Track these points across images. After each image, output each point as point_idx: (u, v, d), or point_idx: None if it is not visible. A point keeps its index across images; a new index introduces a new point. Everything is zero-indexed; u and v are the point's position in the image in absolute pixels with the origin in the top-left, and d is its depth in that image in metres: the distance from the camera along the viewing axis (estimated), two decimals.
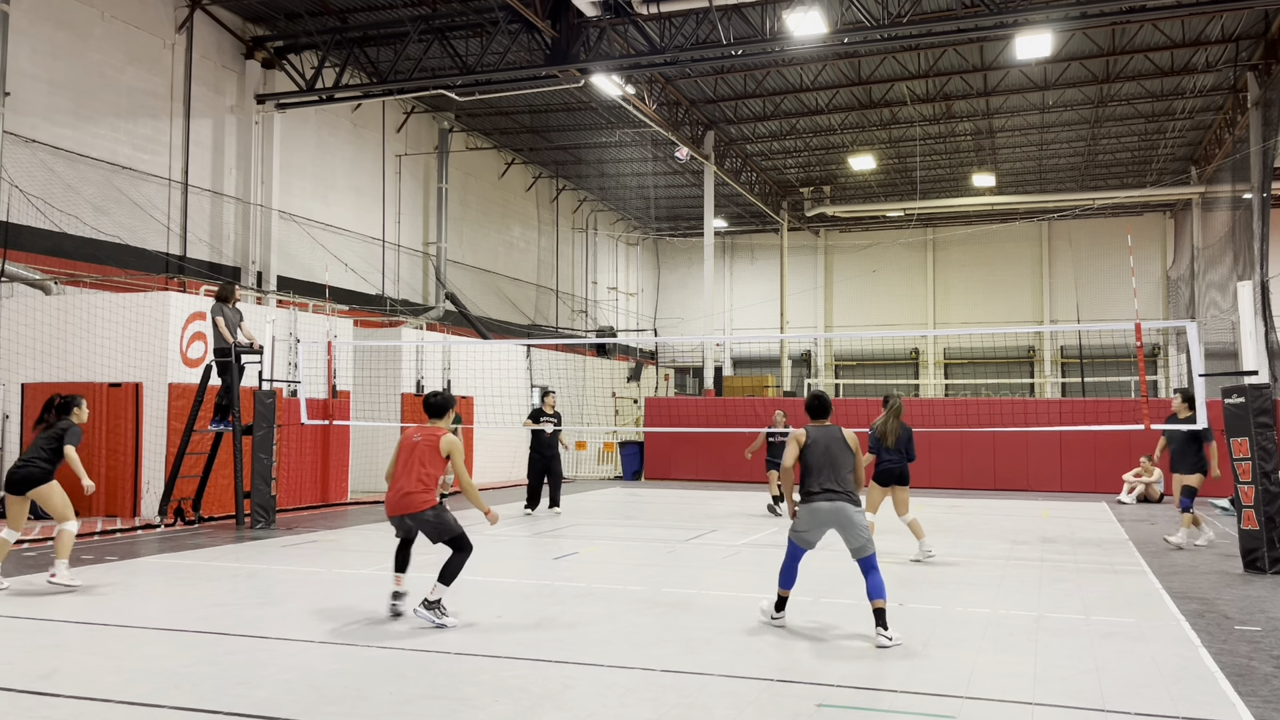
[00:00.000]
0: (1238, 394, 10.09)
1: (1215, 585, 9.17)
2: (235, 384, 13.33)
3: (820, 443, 6.94)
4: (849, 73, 23.07)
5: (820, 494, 6.84)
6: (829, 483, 6.84)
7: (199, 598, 8.17)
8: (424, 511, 7.32)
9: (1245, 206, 22.91)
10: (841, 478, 6.86)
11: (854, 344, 38.78)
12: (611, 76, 19.70)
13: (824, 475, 6.86)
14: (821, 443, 6.93)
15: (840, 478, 6.86)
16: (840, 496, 6.81)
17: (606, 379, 28.14)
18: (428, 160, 25.79)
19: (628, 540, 12.33)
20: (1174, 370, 32.72)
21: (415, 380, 19.75)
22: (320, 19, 19.82)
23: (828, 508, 6.80)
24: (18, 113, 15.40)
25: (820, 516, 6.83)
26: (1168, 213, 34.90)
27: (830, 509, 6.80)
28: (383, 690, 5.50)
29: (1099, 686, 5.63)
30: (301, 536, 12.39)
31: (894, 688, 5.58)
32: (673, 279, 40.53)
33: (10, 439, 14.57)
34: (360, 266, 22.99)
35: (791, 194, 33.84)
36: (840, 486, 6.84)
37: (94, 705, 5.21)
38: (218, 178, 19.46)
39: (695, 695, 5.44)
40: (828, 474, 6.85)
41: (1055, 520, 15.19)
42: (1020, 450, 21.36)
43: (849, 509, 6.79)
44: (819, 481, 6.86)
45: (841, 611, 7.78)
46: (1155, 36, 20.78)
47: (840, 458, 6.91)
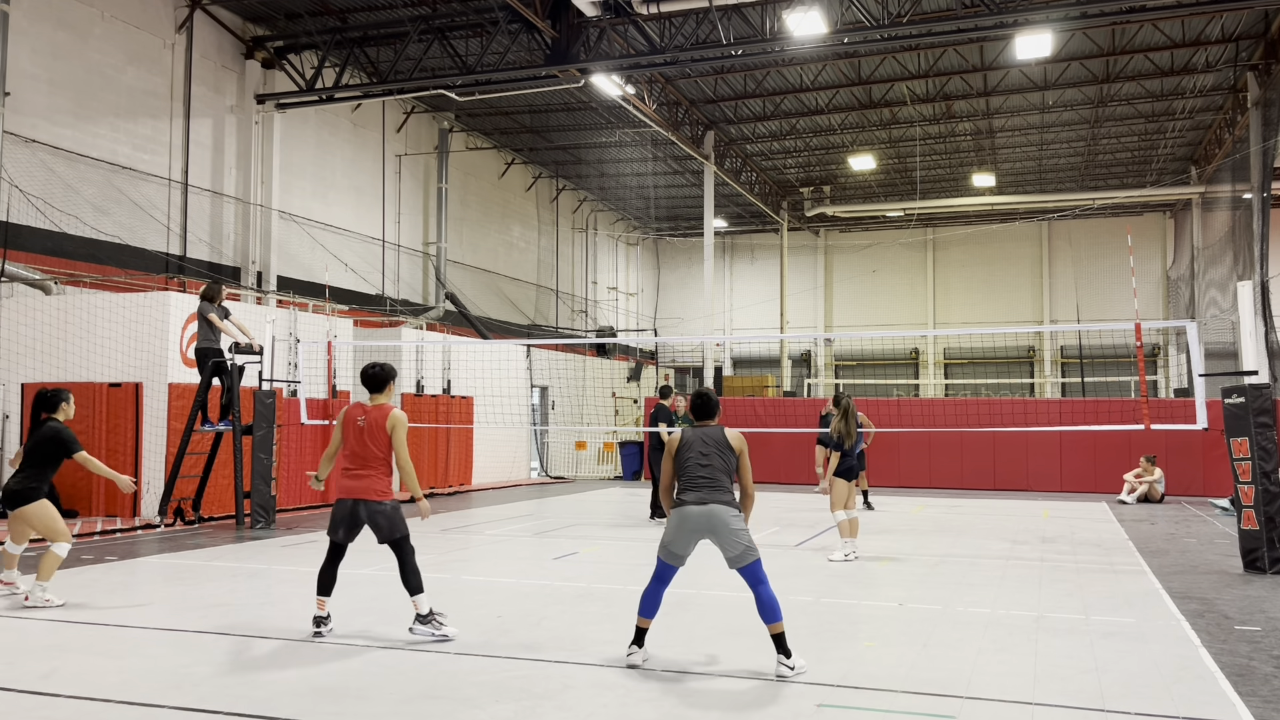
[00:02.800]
0: (1238, 394, 10.10)
1: (1215, 585, 9.17)
2: (235, 384, 13.33)
3: (695, 445, 6.19)
4: (849, 73, 23.07)
5: (692, 499, 6.08)
6: (703, 486, 6.08)
7: (199, 598, 8.17)
8: (382, 503, 6.81)
9: (1245, 206, 22.91)
10: (719, 481, 6.10)
11: (854, 344, 38.78)
12: (611, 76, 19.70)
13: (698, 479, 6.11)
14: (697, 445, 6.19)
15: (717, 481, 6.10)
16: (713, 501, 6.04)
17: (606, 379, 28.14)
18: (428, 160, 25.79)
19: (628, 540, 12.33)
20: (1174, 370, 32.72)
21: (415, 380, 19.75)
22: (320, 19, 19.82)
23: (698, 512, 6.03)
24: (18, 113, 15.40)
25: (690, 523, 6.04)
26: (1168, 213, 34.90)
27: (701, 513, 6.02)
28: (383, 690, 5.50)
29: (1099, 686, 5.63)
30: (301, 536, 12.39)
31: (894, 688, 5.58)
32: (673, 279, 40.53)
33: (10, 439, 14.58)
34: (360, 266, 22.99)
35: (791, 194, 33.84)
36: (714, 490, 6.07)
37: (94, 705, 5.21)
38: (218, 178, 19.46)
39: (695, 695, 5.44)
40: (702, 477, 6.10)
41: (1055, 520, 15.19)
42: (1020, 450, 21.36)
43: (724, 512, 6.01)
44: (691, 485, 6.11)
45: (841, 611, 7.78)
46: (1155, 36, 20.77)
47: (718, 460, 6.15)
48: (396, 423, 6.82)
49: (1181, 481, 20.14)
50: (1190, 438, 19.06)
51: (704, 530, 6.03)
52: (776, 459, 23.12)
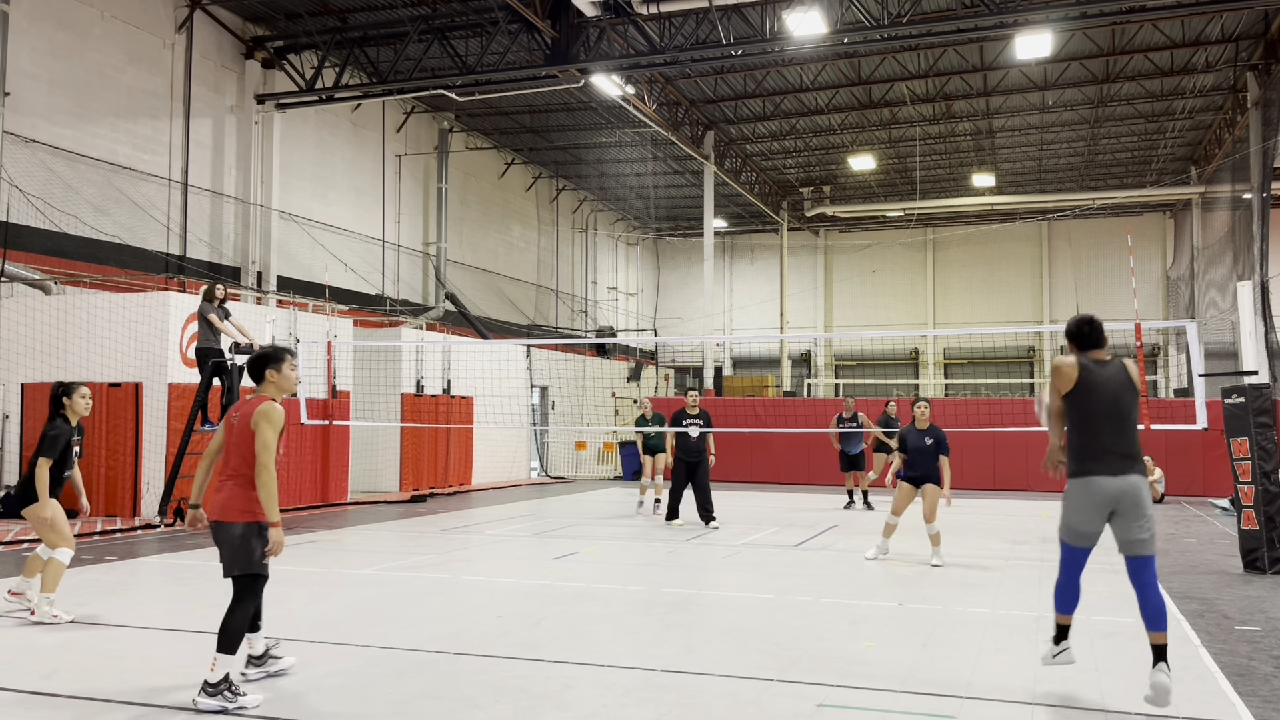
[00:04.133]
0: (1238, 394, 10.10)
1: (1215, 585, 9.17)
2: (235, 384, 13.32)
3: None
4: (849, 73, 23.08)
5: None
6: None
7: (199, 598, 8.16)
8: (232, 524, 5.31)
9: (1245, 206, 22.91)
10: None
11: (854, 344, 38.77)
12: (611, 76, 19.70)
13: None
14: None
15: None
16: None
17: (606, 379, 28.12)
18: (428, 160, 25.78)
19: (627, 540, 12.33)
20: (1174, 370, 32.71)
21: (415, 380, 19.74)
22: (320, 19, 19.82)
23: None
24: (18, 113, 15.40)
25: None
26: (1168, 213, 34.90)
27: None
28: (383, 690, 5.50)
29: (1099, 686, 5.63)
30: (301, 536, 12.39)
31: (894, 688, 5.58)
32: (673, 279, 40.53)
33: (10, 439, 14.58)
34: (360, 266, 22.98)
35: (791, 194, 33.84)
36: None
37: (94, 705, 5.21)
38: (218, 178, 19.46)
39: (695, 695, 5.44)
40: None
41: (1055, 520, 15.19)
42: (1020, 450, 21.34)
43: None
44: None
45: (841, 611, 7.78)
46: (1155, 36, 20.77)
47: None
48: (261, 417, 5.32)
49: (1181, 481, 20.14)
50: (1190, 438, 19.06)
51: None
52: (776, 459, 23.12)
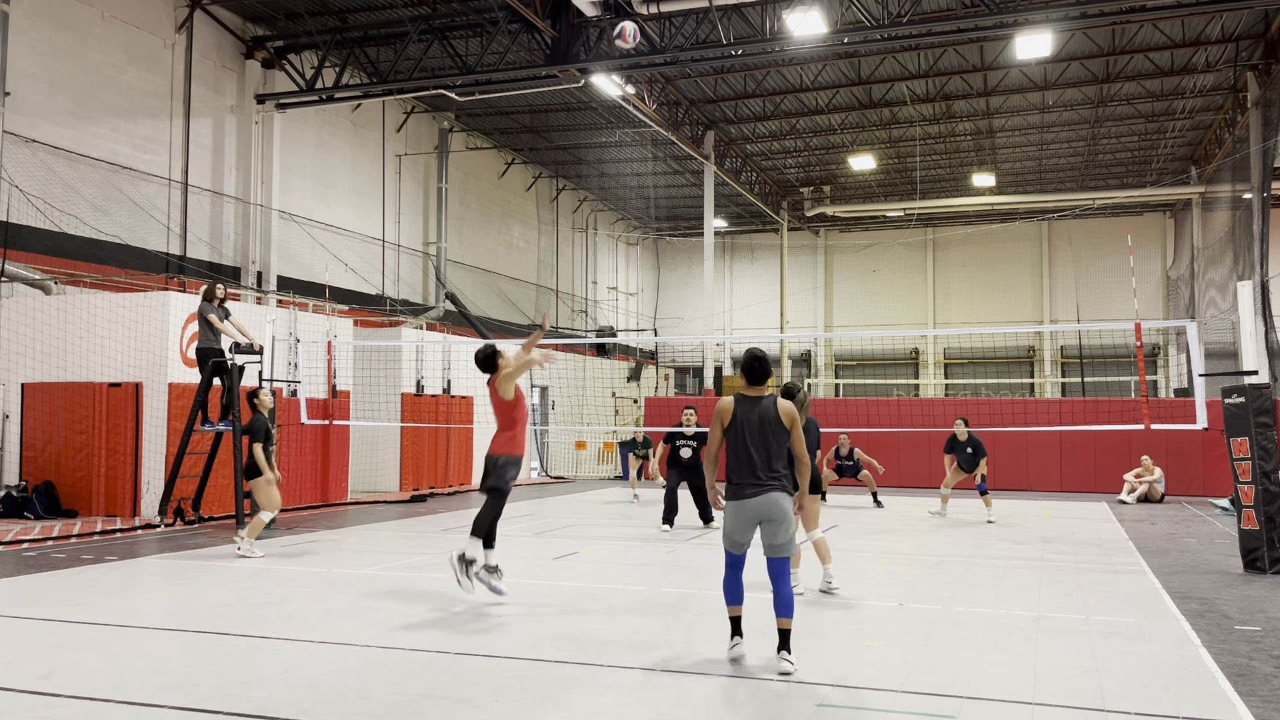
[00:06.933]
0: (1238, 394, 10.10)
1: (1215, 585, 9.17)
2: (235, 384, 13.30)
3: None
4: (849, 73, 23.07)
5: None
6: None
7: (199, 598, 8.17)
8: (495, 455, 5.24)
9: (1245, 206, 22.90)
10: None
11: (854, 344, 38.76)
12: (611, 76, 19.69)
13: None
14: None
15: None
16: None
17: (606, 379, 28.13)
18: (428, 160, 25.78)
19: (627, 540, 12.33)
20: (1174, 370, 32.71)
21: (415, 380, 19.75)
22: (320, 19, 19.81)
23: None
24: (18, 113, 15.39)
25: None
26: (1168, 213, 34.89)
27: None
28: (383, 690, 5.50)
29: (1099, 686, 5.63)
30: (301, 536, 12.39)
31: (894, 688, 5.58)
32: (673, 279, 40.52)
33: (10, 439, 14.58)
34: (360, 266, 22.98)
35: (791, 194, 33.83)
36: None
37: (94, 705, 5.21)
38: (218, 178, 19.45)
39: (695, 695, 5.44)
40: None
41: (1055, 520, 15.19)
42: (1020, 450, 21.34)
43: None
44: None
45: (841, 611, 7.78)
46: (1155, 36, 20.77)
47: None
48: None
49: (1181, 481, 20.13)
50: (1190, 438, 19.06)
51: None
52: None
